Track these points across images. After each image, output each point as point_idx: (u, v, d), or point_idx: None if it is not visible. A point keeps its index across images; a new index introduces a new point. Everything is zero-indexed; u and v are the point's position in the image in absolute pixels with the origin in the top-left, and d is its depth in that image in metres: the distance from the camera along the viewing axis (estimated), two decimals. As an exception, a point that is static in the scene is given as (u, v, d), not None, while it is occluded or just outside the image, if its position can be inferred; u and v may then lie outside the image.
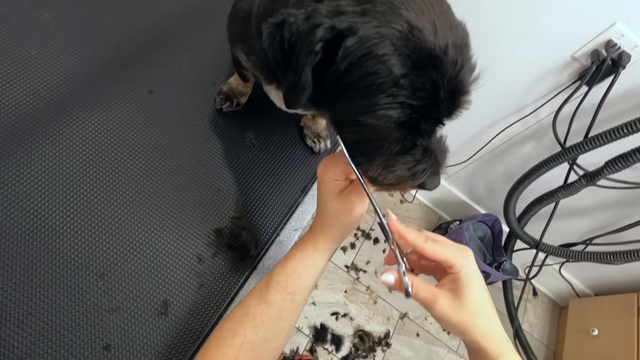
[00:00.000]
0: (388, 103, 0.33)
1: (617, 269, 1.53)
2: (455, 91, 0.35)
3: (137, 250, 0.54)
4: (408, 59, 0.32)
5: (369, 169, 0.38)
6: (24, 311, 0.46)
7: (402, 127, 0.35)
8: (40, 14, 0.61)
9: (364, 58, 0.33)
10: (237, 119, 0.68)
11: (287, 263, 0.44)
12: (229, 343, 0.41)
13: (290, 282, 0.43)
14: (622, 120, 0.96)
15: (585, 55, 1.10)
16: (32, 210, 0.50)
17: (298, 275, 0.43)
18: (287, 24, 0.34)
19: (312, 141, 0.71)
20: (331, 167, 0.42)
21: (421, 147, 0.37)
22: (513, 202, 1.38)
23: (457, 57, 0.34)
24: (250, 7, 0.45)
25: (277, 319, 0.43)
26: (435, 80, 0.33)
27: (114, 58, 0.64)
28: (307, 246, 0.45)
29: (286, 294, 0.43)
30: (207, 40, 0.73)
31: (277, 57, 0.36)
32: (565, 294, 1.79)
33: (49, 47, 0.60)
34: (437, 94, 0.33)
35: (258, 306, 0.43)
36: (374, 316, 1.56)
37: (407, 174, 0.37)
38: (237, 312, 0.44)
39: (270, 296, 0.43)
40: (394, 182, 0.38)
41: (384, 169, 0.37)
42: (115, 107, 0.60)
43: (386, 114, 0.33)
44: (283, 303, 0.43)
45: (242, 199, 0.63)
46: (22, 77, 0.56)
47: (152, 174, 0.59)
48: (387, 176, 0.38)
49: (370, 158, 0.38)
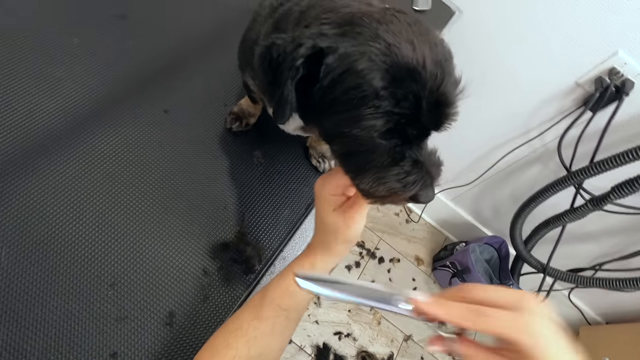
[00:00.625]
0: (371, 114, 0.34)
1: (628, 296, 1.49)
2: (439, 103, 0.36)
3: (146, 262, 0.56)
4: (387, 73, 0.34)
5: (360, 182, 0.39)
6: (37, 316, 0.48)
7: (387, 136, 0.36)
8: (70, 39, 0.66)
9: (344, 74, 0.35)
10: (246, 138, 0.72)
11: (283, 280, 0.44)
12: (222, 355, 0.41)
13: (286, 299, 0.43)
14: (628, 146, 0.97)
15: (589, 82, 1.12)
16: (50, 221, 0.53)
17: (293, 293, 0.43)
18: (275, 46, 0.38)
19: (317, 161, 0.74)
20: (328, 182, 0.43)
21: (410, 158, 0.38)
22: (519, 225, 1.37)
23: (437, 71, 0.35)
24: (257, 37, 0.49)
25: (270, 334, 0.43)
26: (417, 92, 0.34)
27: (134, 80, 0.68)
28: (304, 264, 0.45)
29: (280, 310, 0.43)
30: (219, 64, 0.77)
31: (267, 76, 0.39)
32: (576, 320, 1.74)
33: (75, 69, 0.64)
34: (419, 104, 0.35)
35: (251, 321, 0.43)
36: (378, 337, 1.55)
37: (398, 185, 0.38)
38: (231, 324, 0.44)
39: (264, 312, 0.43)
40: (385, 194, 0.39)
41: (375, 182, 0.38)
42: (132, 125, 0.64)
43: (369, 124, 0.35)
44: (277, 320, 0.43)
45: (247, 215, 0.65)
46: (49, 97, 0.61)
47: (163, 190, 0.62)
48: (379, 188, 0.38)
49: (362, 171, 0.38)
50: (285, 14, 0.44)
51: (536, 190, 1.25)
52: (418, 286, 1.72)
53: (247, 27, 0.55)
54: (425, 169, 0.38)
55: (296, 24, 0.41)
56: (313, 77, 0.37)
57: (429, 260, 1.81)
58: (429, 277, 1.77)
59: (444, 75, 0.36)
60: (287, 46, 0.36)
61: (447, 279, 1.68)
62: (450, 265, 1.65)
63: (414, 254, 1.79)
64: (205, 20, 0.81)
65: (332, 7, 0.38)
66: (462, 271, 1.58)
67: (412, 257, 1.78)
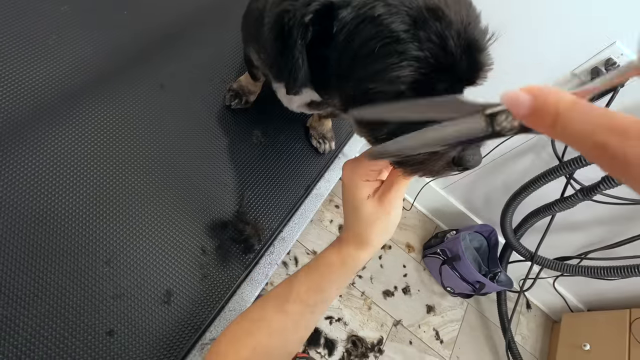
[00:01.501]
0: (395, 63, 0.31)
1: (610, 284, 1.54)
2: (470, 47, 0.32)
3: (143, 239, 0.55)
4: (406, 15, 0.31)
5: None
6: (31, 293, 0.47)
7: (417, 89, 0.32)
8: (58, 7, 0.63)
9: (361, 25, 0.32)
10: (245, 116, 0.70)
11: (311, 275, 0.41)
12: (243, 344, 0.40)
13: (312, 295, 0.41)
14: (619, 137, 0.98)
15: (585, 72, 1.12)
16: (42, 196, 0.51)
17: (321, 290, 0.41)
18: (286, 12, 0.35)
19: (317, 142, 0.73)
20: (360, 166, 0.38)
21: None
22: (510, 214, 1.40)
23: (463, 12, 0.32)
24: (263, 7, 0.46)
25: (293, 328, 0.41)
26: (441, 31, 0.30)
27: (128, 51, 0.65)
28: (335, 261, 0.41)
29: (306, 306, 0.41)
30: (218, 38, 0.74)
31: (278, 45, 0.36)
32: (559, 308, 1.80)
33: (66, 37, 0.61)
34: (445, 44, 0.30)
35: (275, 314, 0.41)
36: (368, 322, 1.57)
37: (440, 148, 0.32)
38: (254, 313, 0.42)
39: (290, 306, 0.41)
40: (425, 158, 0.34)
41: None
42: (127, 99, 0.62)
43: (394, 75, 0.31)
44: (302, 315, 0.41)
45: (247, 194, 0.64)
46: (39, 65, 0.57)
47: (160, 166, 0.60)
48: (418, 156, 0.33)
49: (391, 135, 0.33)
50: None
51: (527, 179, 1.27)
52: (408, 273, 1.74)
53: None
54: None
55: None
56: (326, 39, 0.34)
57: (420, 247, 1.83)
58: (419, 264, 1.79)
59: (470, 19, 0.32)
60: (299, 10, 0.34)
61: (437, 266, 1.70)
62: (441, 253, 1.67)
63: (405, 241, 1.81)
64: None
65: None
66: (452, 258, 1.61)
67: (403, 244, 1.80)
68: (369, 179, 0.38)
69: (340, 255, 0.41)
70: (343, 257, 0.40)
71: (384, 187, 0.38)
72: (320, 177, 0.72)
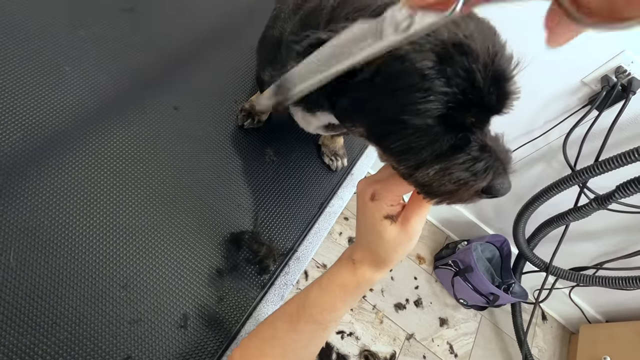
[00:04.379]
0: (422, 97, 0.30)
1: (628, 294, 1.50)
2: (497, 78, 0.31)
3: (159, 262, 0.55)
4: (432, 53, 0.31)
5: (419, 177, 0.34)
6: (50, 320, 0.47)
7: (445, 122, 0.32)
8: (76, 31, 0.64)
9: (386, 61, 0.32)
10: (257, 136, 0.70)
11: (324, 295, 0.41)
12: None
13: (326, 314, 0.41)
14: (633, 145, 0.97)
15: (595, 81, 1.12)
16: (60, 221, 0.52)
17: (334, 309, 0.41)
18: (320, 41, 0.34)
19: (329, 159, 0.73)
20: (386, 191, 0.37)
21: (476, 143, 0.32)
22: (522, 224, 1.38)
23: (488, 44, 0.31)
24: (280, 34, 0.47)
25: (306, 346, 0.42)
26: (468, 66, 0.30)
27: (142, 75, 0.66)
28: (349, 282, 0.41)
29: (319, 325, 0.41)
30: (229, 60, 0.75)
31: None
32: (576, 319, 1.76)
33: (82, 63, 0.62)
34: (473, 78, 0.30)
35: (287, 333, 0.41)
36: (380, 336, 1.54)
37: (466, 175, 0.32)
38: (264, 331, 0.42)
39: (302, 325, 0.41)
40: (452, 189, 0.33)
41: (438, 174, 0.33)
42: (142, 122, 0.62)
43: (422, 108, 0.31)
44: (315, 333, 0.41)
45: (261, 214, 0.64)
46: (55, 92, 0.59)
47: (175, 188, 0.60)
48: (443, 181, 0.33)
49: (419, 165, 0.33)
50: (313, 10, 0.42)
51: (539, 189, 1.25)
52: (420, 285, 1.71)
53: (268, 24, 0.53)
54: (495, 154, 0.33)
55: (328, 21, 0.39)
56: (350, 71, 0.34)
57: (431, 258, 1.81)
58: (430, 276, 1.77)
59: (496, 49, 0.32)
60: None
61: (449, 278, 1.68)
62: (452, 264, 1.65)
63: (415, 252, 1.79)
64: (215, 15, 0.79)
65: (364, 5, 0.36)
66: (464, 270, 1.58)
67: (414, 255, 1.78)
68: (394, 203, 0.38)
69: (355, 276, 0.40)
70: (358, 279, 0.40)
71: (407, 212, 0.38)
72: (333, 194, 0.72)
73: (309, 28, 0.40)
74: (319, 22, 0.40)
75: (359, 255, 0.41)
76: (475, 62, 0.30)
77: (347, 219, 1.72)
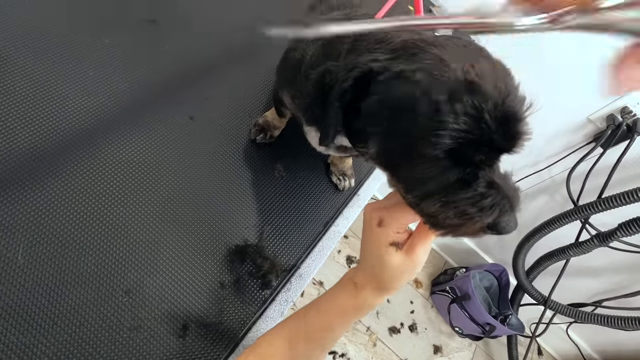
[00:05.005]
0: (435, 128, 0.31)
1: (627, 335, 1.48)
2: (507, 118, 0.32)
3: (162, 270, 0.55)
4: (442, 87, 0.31)
5: (425, 208, 0.34)
6: (51, 320, 0.46)
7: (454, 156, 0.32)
8: (101, 40, 0.66)
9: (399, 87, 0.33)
10: (269, 151, 0.71)
11: (323, 317, 0.42)
12: None
13: (324, 335, 0.42)
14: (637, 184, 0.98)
15: (601, 119, 1.14)
16: (70, 222, 0.52)
17: (332, 330, 0.42)
18: (329, 72, 0.37)
19: (337, 178, 0.74)
20: (394, 220, 0.38)
21: (484, 179, 0.33)
22: (522, 255, 1.37)
23: (501, 85, 0.32)
24: (302, 57, 0.49)
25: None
26: (477, 105, 0.31)
27: (161, 84, 0.68)
28: (349, 306, 0.41)
29: (316, 344, 0.42)
30: (247, 75, 0.77)
31: (317, 100, 0.39)
32: (572, 356, 1.73)
33: (105, 70, 0.64)
34: (481, 117, 0.31)
35: (287, 351, 0.42)
36: (373, 359, 1.52)
37: (473, 210, 0.33)
38: (262, 348, 0.43)
39: (300, 346, 0.42)
40: (457, 222, 0.33)
41: (444, 206, 0.33)
42: (157, 129, 0.64)
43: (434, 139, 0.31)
44: (312, 351, 0.42)
45: (266, 229, 0.64)
46: (77, 97, 0.60)
47: (184, 197, 0.61)
48: (449, 214, 0.33)
49: (426, 196, 0.34)
50: (335, 38, 0.44)
51: (541, 221, 1.25)
52: (415, 310, 1.70)
53: (290, 46, 0.55)
54: (503, 192, 0.33)
55: (349, 51, 0.40)
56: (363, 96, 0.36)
57: (428, 283, 1.80)
58: (427, 301, 1.75)
59: (508, 90, 0.32)
60: (340, 73, 0.36)
61: (445, 304, 1.66)
62: (450, 291, 1.64)
63: (414, 276, 1.78)
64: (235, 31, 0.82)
65: (384, 38, 0.38)
66: (461, 297, 1.57)
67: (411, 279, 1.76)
68: (400, 230, 0.38)
69: (356, 300, 0.41)
70: (359, 302, 0.41)
71: (414, 240, 0.38)
72: (338, 214, 0.72)
73: (331, 56, 0.42)
74: (340, 51, 0.41)
75: (362, 278, 0.41)
76: (484, 102, 0.31)
77: (347, 237, 1.72)
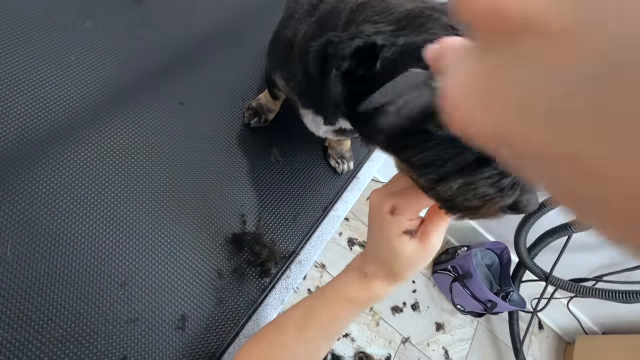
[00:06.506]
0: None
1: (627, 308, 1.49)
2: None
3: (158, 261, 0.54)
4: None
5: (441, 191, 0.32)
6: (45, 316, 0.45)
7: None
8: (83, 21, 0.63)
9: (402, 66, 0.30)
10: (263, 135, 0.69)
11: (331, 306, 0.41)
12: None
13: (331, 324, 0.42)
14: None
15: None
16: (59, 215, 0.50)
17: (340, 320, 0.42)
18: (331, 43, 0.34)
19: (335, 162, 0.72)
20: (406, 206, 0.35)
21: None
22: (524, 233, 1.37)
23: None
24: (294, 35, 0.45)
25: (313, 354, 0.42)
26: None
27: (148, 68, 0.65)
28: (359, 297, 0.40)
29: (325, 334, 0.42)
30: (238, 57, 0.74)
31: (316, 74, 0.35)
32: (572, 330, 1.76)
33: (88, 54, 0.61)
34: None
35: (296, 340, 0.42)
36: (376, 338, 1.54)
37: (492, 190, 0.30)
38: (270, 336, 0.43)
39: (311, 334, 0.42)
40: (477, 204, 0.31)
41: (461, 189, 0.31)
42: (146, 116, 0.61)
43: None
44: (322, 341, 0.43)
45: (264, 215, 0.63)
46: (60, 82, 0.57)
47: (177, 185, 0.59)
48: (467, 197, 0.31)
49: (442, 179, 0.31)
50: (331, 11, 0.40)
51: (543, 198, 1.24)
52: (417, 289, 1.71)
53: (281, 24, 0.51)
54: None
55: (346, 23, 0.37)
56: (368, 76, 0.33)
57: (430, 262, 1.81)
58: (428, 280, 1.76)
59: None
60: (342, 42, 0.33)
61: (447, 283, 1.67)
62: (452, 270, 1.64)
63: (415, 256, 1.78)
64: (224, 11, 0.78)
65: (384, 9, 0.34)
66: (463, 276, 1.58)
67: (413, 259, 1.77)
68: (413, 218, 0.36)
69: (366, 290, 0.40)
70: (370, 293, 0.40)
71: (427, 227, 0.36)
72: (337, 198, 0.71)
73: (326, 30, 0.39)
74: (336, 24, 0.38)
75: (372, 269, 0.40)
76: None
77: (348, 219, 1.71)
